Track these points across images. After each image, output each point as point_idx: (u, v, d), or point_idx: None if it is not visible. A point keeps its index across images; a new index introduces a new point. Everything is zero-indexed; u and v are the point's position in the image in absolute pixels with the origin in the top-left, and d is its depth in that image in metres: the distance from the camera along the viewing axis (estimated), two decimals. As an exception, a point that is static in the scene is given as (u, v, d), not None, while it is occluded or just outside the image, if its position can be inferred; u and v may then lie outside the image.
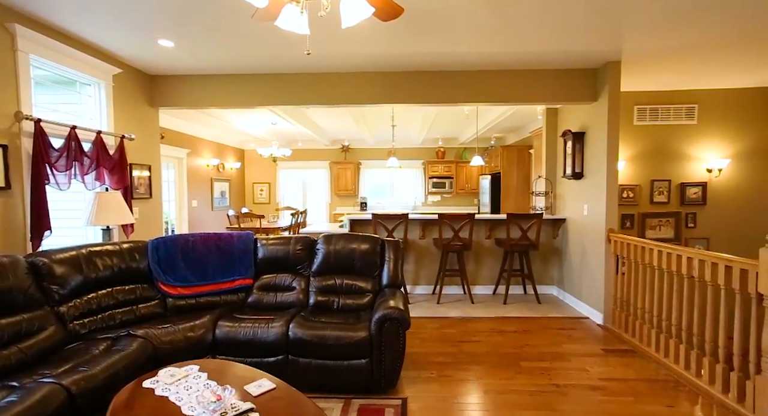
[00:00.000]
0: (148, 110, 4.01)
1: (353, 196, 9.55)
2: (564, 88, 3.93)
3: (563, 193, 4.74)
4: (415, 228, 4.94)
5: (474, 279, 4.97)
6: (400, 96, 3.99)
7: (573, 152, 4.24)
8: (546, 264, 4.95)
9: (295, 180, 9.86)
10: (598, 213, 3.88)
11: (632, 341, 3.31)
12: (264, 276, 3.17)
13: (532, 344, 3.33)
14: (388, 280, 3.10)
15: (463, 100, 3.97)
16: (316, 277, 3.15)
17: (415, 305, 4.48)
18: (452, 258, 4.93)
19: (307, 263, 3.21)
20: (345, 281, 3.11)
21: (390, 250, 3.20)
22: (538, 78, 3.92)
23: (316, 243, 3.27)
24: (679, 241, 4.81)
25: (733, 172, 4.72)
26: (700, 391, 2.54)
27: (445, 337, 3.51)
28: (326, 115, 6.37)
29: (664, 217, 4.82)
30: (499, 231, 4.91)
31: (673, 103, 4.71)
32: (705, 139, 4.73)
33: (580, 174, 4.22)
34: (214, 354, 2.51)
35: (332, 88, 4.00)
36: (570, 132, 4.25)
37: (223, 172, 8.42)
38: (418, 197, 9.61)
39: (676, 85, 4.54)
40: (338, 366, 2.48)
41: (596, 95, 3.90)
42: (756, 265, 2.19)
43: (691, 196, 4.78)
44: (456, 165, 9.16)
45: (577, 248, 4.35)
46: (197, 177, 7.28)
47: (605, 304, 3.76)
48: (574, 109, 4.46)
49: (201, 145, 7.40)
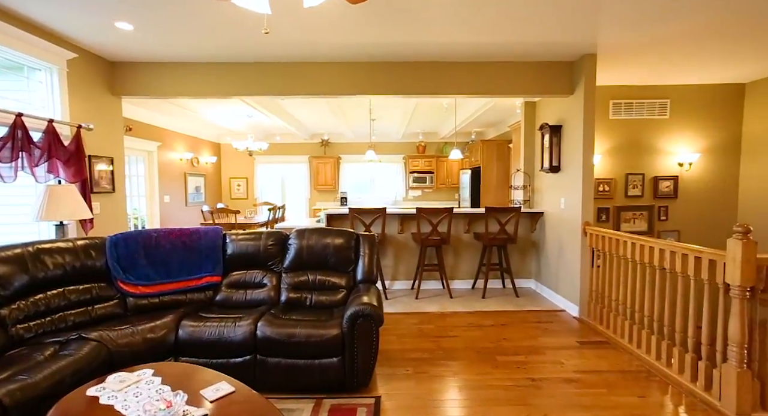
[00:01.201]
0: (109, 99, 3.78)
1: (333, 191, 9.41)
2: (541, 80, 3.91)
3: (541, 186, 4.75)
4: (393, 222, 4.87)
5: (453, 273, 4.94)
6: (376, 87, 3.89)
7: (550, 145, 4.24)
8: (524, 258, 4.97)
9: (274, 175, 9.64)
10: (574, 206, 3.89)
11: (607, 333, 3.34)
12: (233, 273, 3.03)
13: (509, 338, 3.32)
14: (363, 276, 3.02)
15: (441, 91, 3.90)
16: (288, 273, 3.04)
17: (393, 301, 4.42)
18: (431, 252, 4.89)
19: (279, 259, 3.09)
20: (318, 277, 3.01)
21: (365, 245, 3.11)
22: (516, 70, 3.89)
23: (288, 238, 3.15)
24: (652, 234, 4.89)
25: (703, 166, 4.83)
26: (671, 381, 2.57)
27: (423, 333, 3.46)
28: (303, 107, 6.21)
29: (638, 211, 4.90)
30: (477, 225, 4.89)
31: (647, 97, 4.77)
32: (677, 134, 4.82)
33: (557, 167, 4.22)
34: (177, 357, 2.38)
35: (307, 79, 3.87)
36: (547, 125, 4.25)
37: (198, 167, 8.14)
38: (398, 192, 9.55)
39: (650, 80, 4.59)
40: (309, 366, 2.38)
41: (573, 88, 3.90)
42: (724, 256, 2.21)
43: (663, 190, 4.87)
44: (436, 160, 9.13)
45: (555, 241, 4.37)
46: (169, 171, 7.00)
47: (581, 297, 3.78)
48: (551, 102, 4.46)
49: (173, 138, 7.11)
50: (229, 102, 5.64)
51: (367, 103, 5.84)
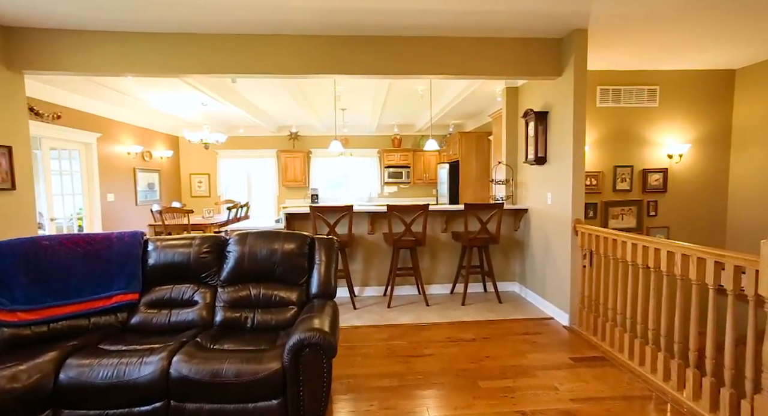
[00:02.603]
0: (5, 76, 3.07)
1: (303, 187, 8.79)
2: (525, 60, 3.45)
3: (525, 180, 4.32)
4: (362, 222, 4.34)
5: (429, 277, 4.47)
6: (338, 65, 3.34)
7: (535, 134, 3.80)
8: (507, 259, 4.55)
9: (239, 170, 8.92)
10: (563, 202, 3.47)
11: (602, 346, 2.93)
12: (156, 288, 2.43)
13: (493, 355, 2.86)
14: (318, 289, 2.48)
15: (411, 71, 3.38)
16: (225, 287, 2.46)
17: (362, 310, 3.90)
18: (405, 255, 4.39)
19: (215, 269, 2.51)
20: (263, 291, 2.45)
21: (321, 251, 2.57)
22: (497, 47, 3.42)
23: (227, 243, 2.57)
24: (641, 231, 4.56)
25: (693, 157, 4.53)
26: (684, 408, 2.16)
27: (393, 351, 2.96)
28: (262, 93, 5.57)
29: (627, 206, 4.55)
30: (456, 223, 4.42)
31: (636, 83, 4.42)
32: (666, 123, 4.49)
33: (543, 158, 3.79)
34: (58, 410, 1.78)
35: (257, 55, 3.27)
36: (532, 111, 3.81)
37: (151, 162, 7.35)
38: (374, 188, 9.02)
39: (639, 64, 4.23)
40: (241, 412, 1.83)
41: (560, 69, 3.46)
42: (755, 261, 1.79)
43: (652, 183, 4.54)
44: (413, 153, 8.65)
45: (541, 241, 3.95)
46: (114, 166, 6.23)
47: (571, 303, 3.37)
48: (536, 86, 4.02)
49: (118, 129, 6.32)
50: (177, 87, 4.96)
51: (333, 89, 5.27)
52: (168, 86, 5.02)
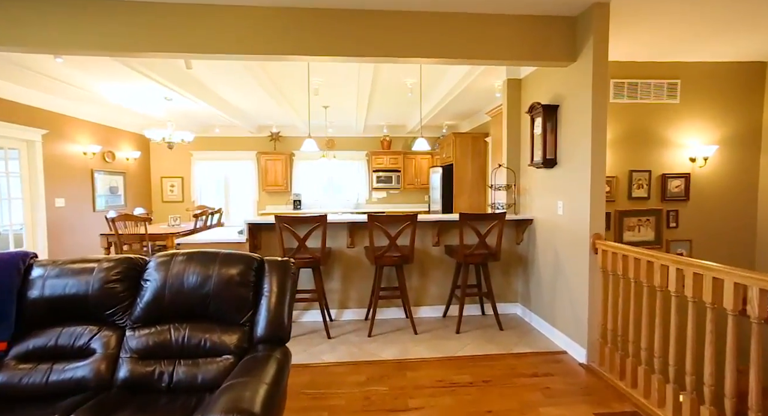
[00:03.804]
0: None
1: (285, 192, 8.14)
2: (532, 42, 2.88)
3: (529, 185, 3.74)
4: (340, 233, 3.72)
5: (419, 298, 3.84)
6: (312, 45, 2.72)
7: (543, 132, 3.22)
8: (508, 277, 3.94)
9: (215, 173, 8.24)
10: (578, 212, 2.88)
11: (632, 395, 2.32)
12: (37, 332, 1.77)
13: (496, 410, 2.23)
14: (266, 330, 1.84)
15: (398, 53, 2.79)
16: (138, 329, 1.81)
17: (338, 340, 3.26)
18: (390, 272, 3.77)
19: (127, 304, 1.86)
20: (189, 334, 1.81)
21: (272, 278, 1.94)
22: (498, 27, 2.84)
23: (145, 268, 1.92)
24: (659, 244, 4.00)
25: (719, 161, 3.98)
26: None
27: (371, 403, 2.32)
28: (229, 84, 4.94)
29: (644, 216, 3.99)
30: (450, 236, 3.81)
31: (654, 77, 3.87)
32: (688, 122, 3.95)
33: (552, 161, 3.21)
34: None
35: (214, 30, 2.65)
36: (539, 105, 3.23)
37: (114, 163, 6.66)
38: (361, 194, 8.40)
39: (658, 54, 3.69)
40: None
41: (575, 53, 2.89)
42: None
43: (673, 190, 3.98)
44: (404, 156, 8.05)
45: (549, 257, 3.36)
46: (66, 167, 5.53)
47: (589, 336, 2.77)
48: (543, 76, 3.45)
49: (70, 125, 5.63)
50: (131, 78, 4.31)
51: (312, 83, 4.66)
52: (122, 76, 4.36)
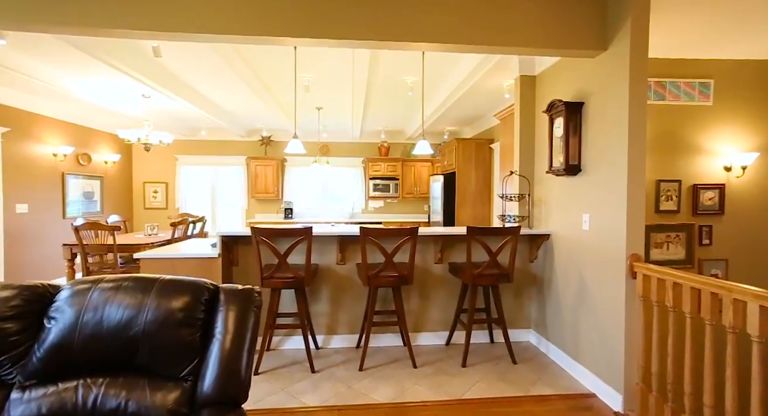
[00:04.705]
0: None
1: (276, 200, 7.67)
2: (555, 27, 2.45)
3: (546, 195, 3.28)
4: (329, 248, 3.24)
5: (418, 322, 3.35)
6: (295, 27, 2.28)
7: (565, 134, 2.78)
8: (519, 298, 3.46)
9: (202, 179, 7.76)
10: (609, 228, 2.42)
11: (691, 462, 1.83)
12: None
13: (519, 484, 1.73)
14: (216, 386, 1.34)
15: (398, 37, 2.35)
16: (31, 388, 1.31)
17: (323, 375, 2.76)
18: (386, 294, 3.29)
19: (22, 351, 1.36)
20: (104, 393, 1.31)
21: (229, 313, 1.45)
22: (514, 8, 2.41)
23: (53, 300, 1.43)
24: (691, 264, 3.53)
25: (758, 170, 3.55)
26: None
27: (357, 470, 1.82)
28: (209, 82, 4.49)
29: (673, 231, 3.53)
30: (454, 252, 3.34)
31: (684, 75, 3.46)
32: (723, 127, 3.52)
33: (576, 167, 2.76)
34: None
35: (177, 5, 2.20)
36: (561, 103, 2.79)
37: (89, 166, 6.18)
38: (357, 202, 7.93)
39: (689, 49, 3.29)
40: None
41: (606, 41, 2.47)
42: None
43: (706, 203, 3.53)
44: (402, 164, 7.62)
45: (570, 279, 2.89)
46: (31, 170, 5.05)
47: (626, 377, 2.28)
48: (562, 71, 3.03)
49: (37, 123, 5.16)
50: (97, 70, 3.85)
51: (302, 80, 4.23)
52: (91, 69, 3.91)
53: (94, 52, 3.21)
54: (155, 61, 3.84)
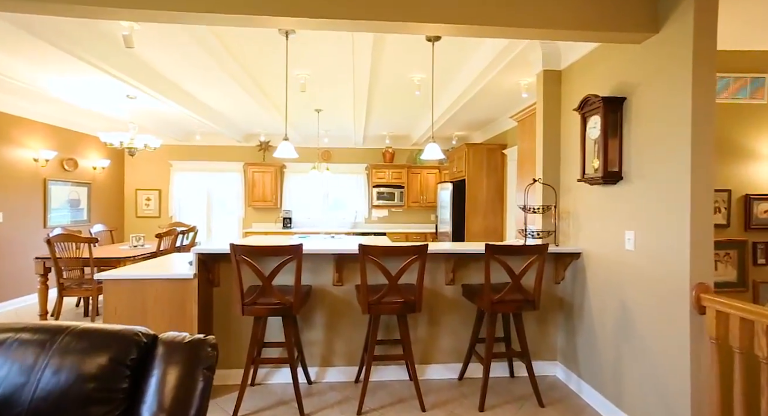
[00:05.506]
0: None
1: (274, 208, 7.27)
2: (592, 4, 2.03)
3: (576, 207, 2.83)
4: (324, 267, 2.81)
5: (427, 352, 2.90)
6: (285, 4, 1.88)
7: (603, 135, 2.34)
8: (543, 325, 3.00)
9: (197, 186, 7.38)
10: (663, 248, 1.97)
11: None
12: None
13: None
14: None
15: (406, 17, 1.94)
16: None
17: (313, 423, 2.30)
18: (389, 321, 2.84)
19: None
20: None
21: (166, 378, 1.02)
22: (550, -16, 2.00)
23: None
24: (744, 287, 3.05)
25: (818, 179, 3.08)
26: None
27: None
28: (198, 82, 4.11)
29: (723, 249, 3.05)
30: (469, 272, 2.90)
31: (734, 70, 3.02)
32: (778, 129, 3.07)
33: (616, 174, 2.32)
34: None
35: None
36: (597, 99, 2.36)
37: (76, 172, 5.82)
38: (360, 212, 7.51)
39: (740, 40, 2.85)
40: None
41: (656, 22, 2.04)
42: None
43: (760, 216, 3.06)
44: (408, 170, 7.19)
45: (609, 308, 2.42)
46: (7, 176, 4.69)
47: (690, 439, 1.81)
48: (599, 61, 2.60)
49: (14, 125, 4.82)
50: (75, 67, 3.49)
51: (296, 77, 3.83)
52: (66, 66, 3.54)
53: (59, 42, 2.84)
54: (137, 58, 3.47)
